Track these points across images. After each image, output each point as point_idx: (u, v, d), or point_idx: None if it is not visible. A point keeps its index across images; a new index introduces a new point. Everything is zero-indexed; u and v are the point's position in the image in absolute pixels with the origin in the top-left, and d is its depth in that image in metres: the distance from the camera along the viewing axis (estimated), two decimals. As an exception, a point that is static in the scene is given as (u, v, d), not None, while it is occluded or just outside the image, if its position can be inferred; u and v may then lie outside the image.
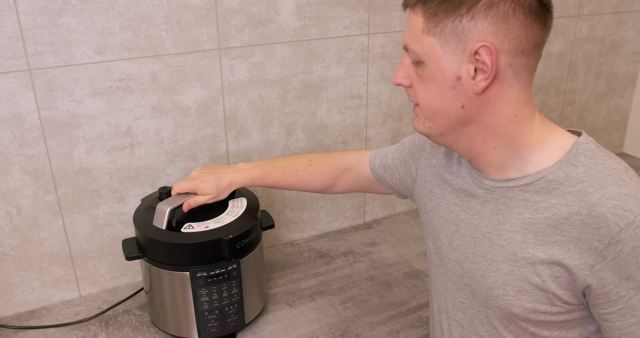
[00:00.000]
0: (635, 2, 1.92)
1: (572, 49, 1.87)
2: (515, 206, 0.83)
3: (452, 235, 0.94)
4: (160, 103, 1.31)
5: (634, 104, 2.11)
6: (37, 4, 1.13)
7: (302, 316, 1.30)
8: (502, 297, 0.84)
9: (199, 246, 1.10)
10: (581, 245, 0.76)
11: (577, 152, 0.80)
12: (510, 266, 0.83)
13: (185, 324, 1.18)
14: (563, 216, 0.78)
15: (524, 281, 0.82)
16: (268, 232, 1.55)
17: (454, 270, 0.94)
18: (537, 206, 0.81)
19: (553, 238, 0.79)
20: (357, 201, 1.68)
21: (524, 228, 0.82)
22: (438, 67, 0.78)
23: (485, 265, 0.87)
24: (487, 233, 0.87)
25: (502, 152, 0.83)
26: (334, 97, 1.51)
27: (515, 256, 0.82)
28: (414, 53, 0.79)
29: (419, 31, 0.78)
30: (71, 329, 1.26)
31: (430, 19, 0.76)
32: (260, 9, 1.34)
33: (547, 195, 0.80)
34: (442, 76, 0.78)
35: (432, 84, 0.79)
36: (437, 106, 0.81)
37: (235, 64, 1.35)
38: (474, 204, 0.90)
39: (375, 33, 1.50)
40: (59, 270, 1.33)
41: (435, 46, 0.77)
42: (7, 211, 1.24)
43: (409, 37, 0.80)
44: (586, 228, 0.75)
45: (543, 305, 0.81)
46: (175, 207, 1.13)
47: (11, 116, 1.18)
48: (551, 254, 0.79)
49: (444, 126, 0.83)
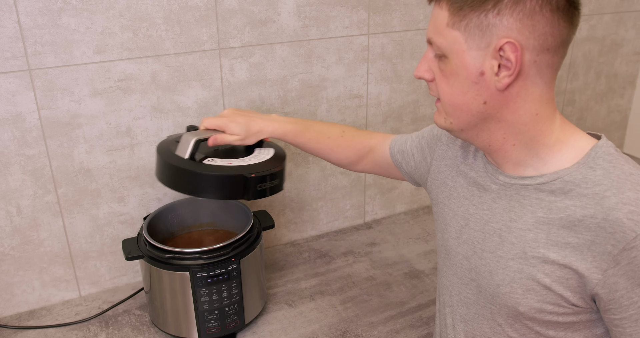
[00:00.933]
0: (635, 2, 1.92)
1: (572, 49, 1.87)
2: (528, 204, 0.83)
3: (461, 229, 0.93)
4: (160, 103, 1.31)
5: (634, 104, 2.11)
6: (37, 4, 1.13)
7: (302, 316, 1.30)
8: (509, 295, 0.84)
9: (219, 180, 1.02)
10: (595, 249, 0.75)
11: (596, 155, 0.79)
12: (519, 264, 0.82)
13: (185, 324, 1.18)
14: (578, 218, 0.77)
15: (532, 281, 0.81)
16: (268, 232, 1.55)
17: (460, 264, 0.93)
18: (552, 206, 0.80)
19: (566, 240, 0.78)
20: (357, 201, 1.68)
21: (537, 227, 0.81)
22: (461, 62, 0.77)
23: (493, 261, 0.86)
24: (498, 229, 0.86)
25: (521, 150, 0.83)
26: (334, 97, 1.51)
27: (526, 254, 0.82)
28: (437, 46, 0.78)
29: (444, 25, 0.77)
30: (71, 329, 1.26)
31: (455, 13, 0.76)
32: (260, 9, 1.34)
33: (562, 196, 0.79)
34: (465, 70, 0.77)
35: (455, 79, 0.79)
36: (459, 101, 0.80)
37: (235, 64, 1.35)
38: (486, 199, 0.89)
39: (375, 33, 1.50)
40: (59, 270, 1.33)
41: (459, 40, 0.76)
42: (7, 211, 1.24)
43: (433, 30, 0.79)
44: (601, 232, 0.75)
45: (550, 306, 0.81)
46: (200, 139, 1.05)
47: (11, 116, 1.18)
48: (563, 255, 0.78)
49: (465, 121, 0.82)
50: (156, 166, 1.11)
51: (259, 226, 1.26)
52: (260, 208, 1.52)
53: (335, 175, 1.60)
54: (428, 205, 1.81)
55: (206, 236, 1.33)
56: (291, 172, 1.53)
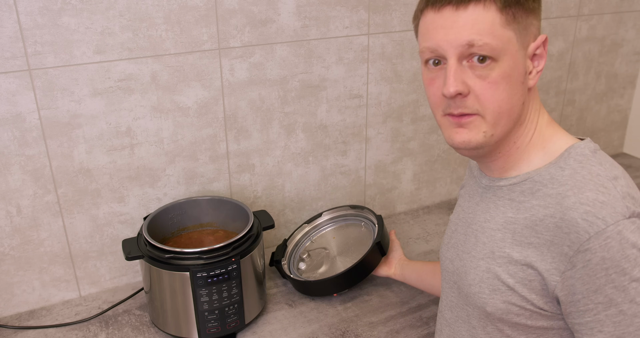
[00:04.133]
0: (635, 2, 1.92)
1: (572, 49, 1.87)
2: (502, 205, 0.83)
3: (451, 234, 0.95)
4: (160, 103, 1.31)
5: (634, 104, 2.11)
6: (37, 4, 1.13)
7: (302, 316, 1.30)
8: (478, 295, 0.83)
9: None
10: (553, 249, 0.74)
11: (569, 155, 0.78)
12: (487, 263, 0.82)
13: (185, 324, 1.18)
14: (540, 218, 0.76)
15: (497, 281, 0.80)
16: (268, 232, 1.55)
17: (447, 268, 0.95)
18: (520, 206, 0.80)
19: (528, 240, 0.77)
20: (357, 201, 1.68)
21: (505, 227, 0.81)
22: (515, 63, 0.75)
23: (468, 261, 0.87)
24: (475, 231, 0.87)
25: (520, 151, 0.82)
26: (334, 97, 1.51)
27: (493, 254, 0.82)
28: (487, 50, 0.73)
29: (496, 25, 0.73)
30: (71, 329, 1.26)
31: (505, 12, 0.73)
32: (260, 9, 1.34)
33: (530, 196, 0.79)
34: (516, 71, 0.75)
35: (506, 83, 0.75)
36: (507, 107, 0.76)
37: (235, 64, 1.35)
38: (472, 203, 0.91)
39: (375, 33, 1.50)
40: (59, 270, 1.33)
41: (513, 40, 0.74)
42: (7, 211, 1.24)
43: (477, 33, 0.72)
44: (558, 232, 0.74)
45: (515, 307, 0.79)
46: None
47: (11, 116, 1.18)
48: (525, 255, 0.77)
49: (506, 129, 0.78)
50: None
51: (259, 226, 1.26)
52: (260, 208, 1.52)
53: (335, 175, 1.60)
54: (428, 205, 1.81)
55: (206, 236, 1.33)
56: (291, 172, 1.53)
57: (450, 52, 0.74)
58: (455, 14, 0.73)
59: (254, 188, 1.50)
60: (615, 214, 0.70)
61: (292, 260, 1.44)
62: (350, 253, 1.43)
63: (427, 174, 1.77)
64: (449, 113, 0.78)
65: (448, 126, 0.79)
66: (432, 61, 0.78)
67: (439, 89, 0.77)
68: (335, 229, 1.53)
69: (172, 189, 1.39)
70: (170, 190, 1.39)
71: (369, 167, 1.65)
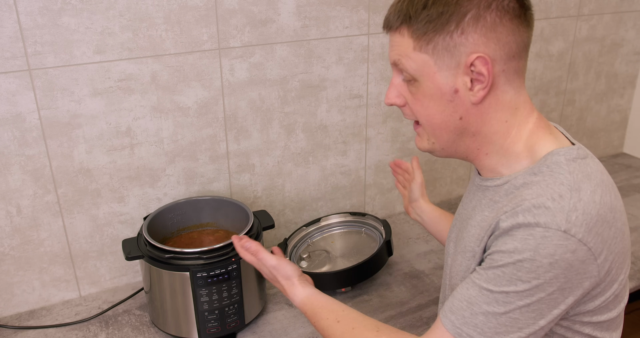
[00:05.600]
0: (635, 2, 1.92)
1: (572, 49, 1.87)
2: (485, 205, 0.87)
3: (452, 229, 1.00)
4: (160, 103, 1.31)
5: (634, 104, 2.11)
6: (37, 4, 1.13)
7: (302, 316, 1.30)
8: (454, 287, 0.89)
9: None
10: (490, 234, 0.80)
11: (544, 162, 0.79)
12: (462, 258, 0.88)
13: (185, 324, 1.18)
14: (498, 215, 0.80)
15: (467, 273, 0.87)
16: (268, 232, 1.55)
17: (446, 262, 1.00)
18: (495, 206, 0.84)
19: (480, 234, 0.83)
20: (357, 201, 1.68)
21: (479, 224, 0.86)
22: (434, 83, 0.80)
23: (455, 255, 0.93)
24: (464, 226, 0.92)
25: (492, 158, 0.86)
26: (334, 97, 1.51)
27: (465, 248, 0.87)
28: (406, 70, 0.81)
29: (410, 49, 0.80)
30: (71, 329, 1.26)
31: (419, 38, 0.78)
32: (260, 9, 1.34)
33: (505, 198, 0.82)
34: (438, 91, 0.80)
35: (429, 100, 0.81)
36: (437, 121, 0.83)
37: (235, 64, 1.35)
38: (468, 200, 0.96)
39: (375, 33, 1.50)
40: (59, 270, 1.33)
41: (428, 63, 0.79)
42: (7, 211, 1.24)
43: (397, 54, 0.82)
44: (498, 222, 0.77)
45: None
46: None
47: (11, 116, 1.18)
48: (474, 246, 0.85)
49: (445, 139, 0.85)
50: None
51: (259, 226, 1.26)
52: (260, 208, 1.52)
53: (335, 175, 1.60)
54: (428, 205, 1.81)
55: (206, 236, 1.33)
56: (291, 172, 1.53)
57: (392, 67, 0.85)
58: (390, 35, 0.83)
59: (254, 188, 1.50)
60: (551, 222, 0.72)
61: (293, 259, 1.45)
62: (352, 255, 1.43)
63: (427, 174, 1.77)
64: None
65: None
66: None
67: None
68: (335, 235, 1.53)
69: (172, 189, 1.39)
70: (170, 190, 1.39)
71: (369, 167, 1.65)
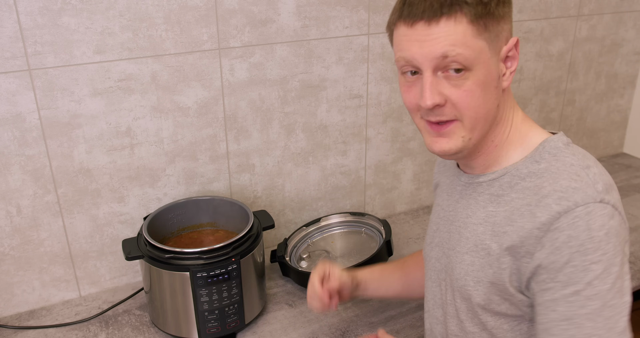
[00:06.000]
0: (635, 2, 1.92)
1: (572, 49, 1.87)
2: (482, 201, 0.86)
3: (433, 234, 0.97)
4: (160, 103, 1.31)
5: (634, 104, 2.11)
6: (37, 4, 1.13)
7: (302, 316, 1.30)
8: (465, 287, 0.87)
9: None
10: (524, 234, 0.77)
11: (544, 149, 0.81)
12: (471, 257, 0.85)
13: (185, 324, 1.18)
14: (517, 208, 0.79)
15: (480, 272, 0.84)
16: (268, 232, 1.55)
17: (434, 267, 0.97)
18: (500, 199, 0.83)
19: (504, 229, 0.81)
20: (357, 201, 1.68)
21: (486, 220, 0.84)
22: (488, 70, 0.77)
23: (454, 257, 0.89)
24: (458, 227, 0.90)
25: (499, 149, 0.85)
26: (334, 97, 1.51)
27: (476, 247, 0.85)
28: (460, 61, 0.75)
29: (468, 36, 0.75)
30: (71, 329, 1.26)
31: (476, 23, 0.75)
32: (260, 9, 1.34)
33: (509, 189, 0.82)
34: (490, 77, 0.78)
35: (481, 90, 0.77)
36: (483, 111, 0.79)
37: (235, 64, 1.35)
38: (452, 201, 0.93)
39: (375, 33, 1.50)
40: (59, 270, 1.33)
41: (485, 49, 0.76)
42: (7, 211, 1.24)
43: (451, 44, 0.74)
44: (531, 218, 0.77)
45: (496, 297, 0.83)
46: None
47: (11, 116, 1.18)
48: (500, 244, 0.81)
49: (483, 132, 0.81)
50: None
51: (259, 226, 1.26)
52: (260, 208, 1.52)
53: (335, 175, 1.60)
54: (428, 205, 1.81)
55: (206, 236, 1.33)
56: (291, 172, 1.53)
57: (426, 65, 0.76)
58: (427, 28, 0.75)
59: (254, 188, 1.50)
60: (586, 197, 0.74)
61: (293, 259, 1.45)
62: (353, 255, 1.43)
63: (427, 174, 1.77)
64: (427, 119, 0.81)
65: (427, 132, 0.82)
66: (409, 71, 0.80)
67: (416, 97, 0.80)
68: (335, 235, 1.53)
69: (172, 189, 1.39)
70: (170, 190, 1.39)
71: (369, 167, 1.65)
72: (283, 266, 1.42)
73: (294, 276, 1.38)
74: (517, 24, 1.72)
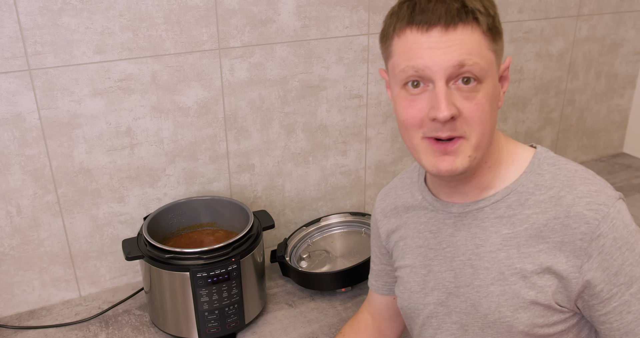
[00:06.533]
0: (635, 2, 1.92)
1: (572, 49, 1.87)
2: (490, 226, 0.81)
3: (424, 278, 0.89)
4: (160, 103, 1.31)
5: (634, 104, 2.11)
6: (37, 4, 1.13)
7: (302, 316, 1.30)
8: (500, 321, 0.81)
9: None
10: (566, 248, 0.75)
11: (540, 161, 0.81)
12: (500, 286, 0.80)
13: (185, 324, 1.18)
14: (542, 224, 0.77)
15: (517, 299, 0.79)
16: (268, 232, 1.55)
17: (435, 312, 0.89)
18: (513, 220, 0.80)
19: (537, 248, 0.78)
20: (357, 201, 1.68)
21: (505, 244, 0.80)
22: (494, 85, 0.75)
23: (473, 293, 0.83)
24: (467, 260, 0.84)
25: (492, 171, 0.82)
26: (334, 97, 1.51)
27: (504, 275, 0.80)
28: (474, 72, 0.72)
29: (483, 46, 0.73)
30: (71, 329, 1.26)
31: (488, 34, 0.73)
32: (260, 9, 1.34)
33: (520, 207, 0.79)
34: (495, 93, 0.76)
35: (489, 104, 0.74)
36: (489, 128, 0.76)
37: (235, 64, 1.35)
38: (444, 237, 0.87)
39: (375, 33, 1.50)
40: (59, 270, 1.33)
41: (494, 62, 0.75)
42: (7, 211, 1.24)
43: (467, 53, 0.71)
44: (567, 230, 0.75)
45: (540, 319, 0.79)
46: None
47: (11, 116, 1.18)
48: (539, 264, 0.77)
49: (484, 151, 0.78)
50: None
51: (259, 226, 1.26)
52: (260, 208, 1.52)
53: (335, 175, 1.60)
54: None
55: (206, 236, 1.33)
56: (291, 172, 1.53)
57: (440, 74, 0.72)
58: (444, 34, 0.71)
59: (254, 188, 1.50)
60: (611, 197, 0.75)
61: (293, 259, 1.45)
62: (353, 255, 1.43)
63: (427, 174, 1.76)
64: (431, 137, 0.75)
65: (430, 152, 0.76)
66: (411, 82, 0.75)
67: (421, 111, 0.74)
68: (335, 235, 1.53)
69: (172, 189, 1.39)
70: (170, 190, 1.39)
71: (369, 167, 1.65)
72: (283, 266, 1.42)
73: (294, 276, 1.38)
74: (517, 24, 1.72)
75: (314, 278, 1.34)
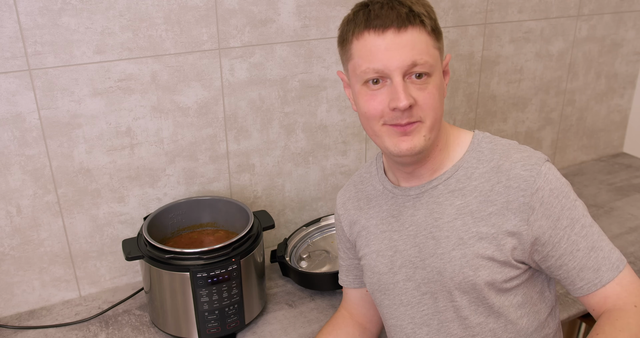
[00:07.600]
0: (635, 2, 1.92)
1: (572, 49, 1.87)
2: (445, 200, 0.92)
3: (391, 258, 0.98)
4: (160, 103, 1.31)
5: (634, 104, 2.11)
6: (37, 4, 1.13)
7: (302, 316, 1.30)
8: (465, 281, 0.89)
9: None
10: (512, 206, 0.87)
11: (479, 141, 0.94)
12: (461, 250, 0.89)
13: (185, 324, 1.18)
14: (488, 190, 0.89)
15: (477, 258, 0.88)
16: (268, 232, 1.55)
17: (404, 289, 0.97)
18: (464, 191, 0.91)
19: (487, 211, 0.88)
20: (357, 201, 1.68)
21: (460, 213, 0.90)
22: (440, 78, 0.88)
23: (437, 261, 0.92)
24: (429, 234, 0.93)
25: (442, 152, 0.94)
26: (334, 97, 1.51)
27: (462, 239, 0.89)
28: (425, 69, 0.85)
29: (430, 46, 0.86)
30: (71, 329, 1.26)
31: (432, 35, 0.86)
32: (260, 9, 1.34)
33: (467, 180, 0.91)
34: (441, 85, 0.89)
35: (438, 93, 0.87)
36: (439, 113, 0.89)
37: (235, 64, 1.35)
38: (405, 219, 0.96)
39: (375, 33, 1.50)
40: (59, 270, 1.33)
41: (438, 59, 0.88)
42: (7, 211, 1.24)
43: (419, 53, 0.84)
44: (510, 191, 0.87)
45: (499, 275, 0.88)
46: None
47: (11, 116, 1.18)
48: (491, 224, 0.87)
49: (437, 133, 0.91)
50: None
51: (259, 226, 1.26)
52: (260, 208, 1.52)
53: (335, 175, 1.60)
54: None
55: (206, 236, 1.33)
56: (291, 172, 1.53)
57: (397, 72, 0.84)
58: (397, 35, 0.83)
59: (254, 188, 1.50)
60: (540, 159, 0.88)
61: (293, 259, 1.45)
62: None
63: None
64: (392, 124, 0.87)
65: (391, 135, 0.88)
66: (372, 80, 0.86)
67: (382, 103, 0.86)
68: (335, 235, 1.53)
69: (172, 189, 1.39)
70: (170, 190, 1.39)
71: (369, 167, 1.65)
72: (283, 266, 1.42)
73: (294, 277, 1.38)
74: (517, 24, 1.72)
75: (314, 278, 1.34)
